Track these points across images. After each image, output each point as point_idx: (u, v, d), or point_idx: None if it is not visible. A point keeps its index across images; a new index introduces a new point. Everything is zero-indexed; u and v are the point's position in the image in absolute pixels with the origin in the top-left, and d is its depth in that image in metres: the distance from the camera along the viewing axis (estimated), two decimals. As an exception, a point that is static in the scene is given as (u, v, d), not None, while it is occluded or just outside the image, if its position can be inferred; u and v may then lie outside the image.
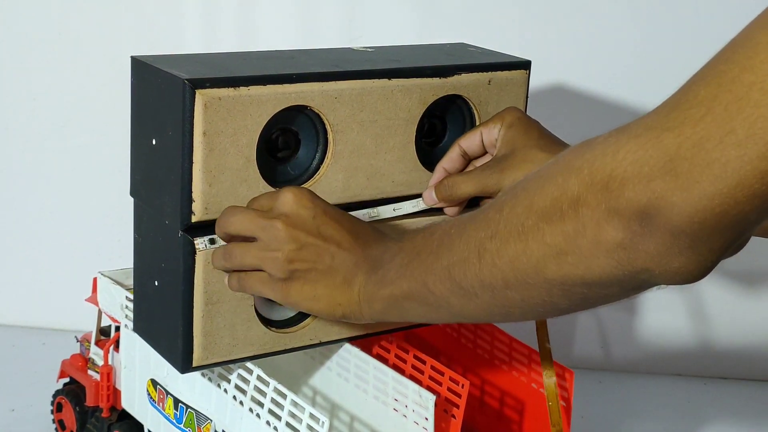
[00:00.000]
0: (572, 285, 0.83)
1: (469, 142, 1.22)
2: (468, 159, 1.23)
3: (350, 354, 1.26)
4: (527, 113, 1.27)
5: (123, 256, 1.27)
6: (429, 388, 1.18)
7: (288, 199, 1.04)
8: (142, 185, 1.16)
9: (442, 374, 1.19)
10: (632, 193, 0.75)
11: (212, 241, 1.09)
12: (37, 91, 1.76)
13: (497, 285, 0.88)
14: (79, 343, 1.48)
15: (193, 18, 1.73)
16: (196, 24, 1.73)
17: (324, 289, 1.04)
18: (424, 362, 1.22)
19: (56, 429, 1.51)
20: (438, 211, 1.23)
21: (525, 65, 1.27)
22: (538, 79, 1.70)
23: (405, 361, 1.24)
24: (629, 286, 0.81)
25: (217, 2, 1.72)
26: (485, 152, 1.23)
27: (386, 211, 1.20)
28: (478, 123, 1.24)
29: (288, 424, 1.10)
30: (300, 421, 1.08)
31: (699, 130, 0.71)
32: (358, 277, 1.03)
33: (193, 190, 1.07)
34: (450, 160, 1.23)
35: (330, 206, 1.07)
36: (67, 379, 1.50)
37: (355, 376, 1.26)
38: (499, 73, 1.25)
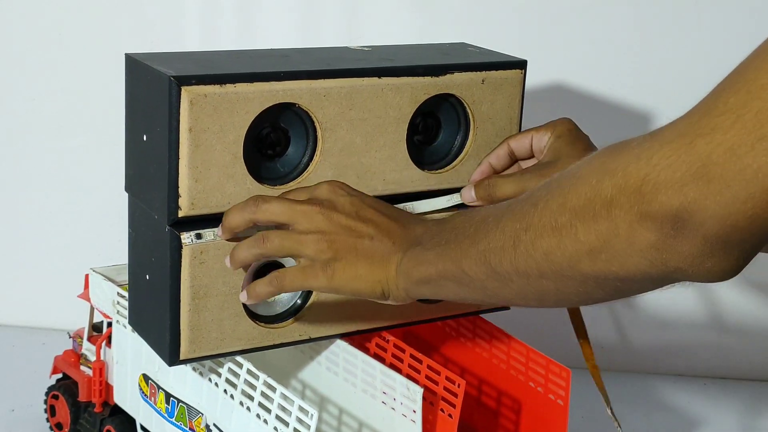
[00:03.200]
0: (606, 279, 0.85)
1: (519, 143, 1.24)
2: (515, 159, 1.26)
3: (339, 348, 1.27)
4: (523, 113, 1.28)
5: (125, 255, 1.27)
6: (425, 387, 1.19)
7: (324, 188, 1.09)
8: (134, 180, 1.17)
9: (439, 373, 1.19)
10: (665, 197, 0.77)
11: (199, 236, 1.09)
12: (37, 91, 1.77)
13: (532, 274, 0.90)
14: (71, 339, 1.48)
15: (194, 18, 1.73)
16: (196, 24, 1.73)
17: (365, 268, 1.06)
18: (420, 361, 1.22)
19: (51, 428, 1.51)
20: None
21: (520, 65, 1.26)
22: (539, 78, 1.71)
23: (401, 360, 1.25)
24: (662, 282, 0.84)
25: (218, 2, 1.73)
26: (532, 155, 1.25)
27: (421, 206, 1.22)
28: (472, 122, 1.24)
29: (278, 417, 1.11)
30: (289, 414, 1.09)
31: (730, 137, 0.73)
32: (397, 255, 1.05)
33: (179, 185, 1.08)
34: (497, 156, 1.25)
35: (366, 194, 1.11)
36: (60, 375, 1.50)
37: (344, 369, 1.27)
38: (493, 72, 1.24)
